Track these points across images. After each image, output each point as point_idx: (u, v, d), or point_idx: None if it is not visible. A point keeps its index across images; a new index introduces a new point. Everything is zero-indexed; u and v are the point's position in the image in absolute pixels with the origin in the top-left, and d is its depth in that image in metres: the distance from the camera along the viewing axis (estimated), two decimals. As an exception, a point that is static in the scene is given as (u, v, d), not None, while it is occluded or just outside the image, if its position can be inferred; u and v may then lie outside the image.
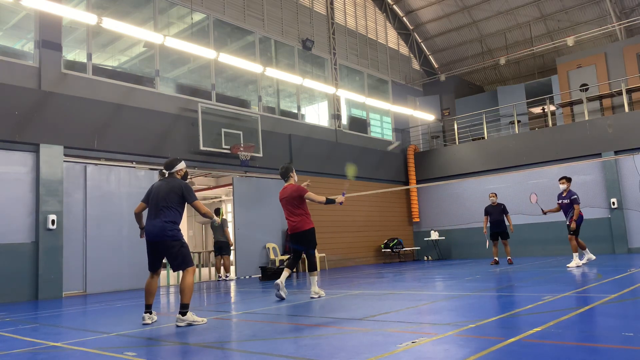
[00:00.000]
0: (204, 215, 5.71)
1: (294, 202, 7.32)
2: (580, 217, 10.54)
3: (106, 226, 10.89)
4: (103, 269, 10.68)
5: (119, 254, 10.98)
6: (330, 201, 7.36)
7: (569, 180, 10.77)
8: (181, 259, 5.48)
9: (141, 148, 11.56)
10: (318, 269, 7.82)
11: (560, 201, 10.80)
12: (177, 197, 5.53)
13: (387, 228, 18.03)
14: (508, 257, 12.78)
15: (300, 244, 7.42)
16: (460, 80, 21.98)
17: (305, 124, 16.33)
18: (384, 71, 20.06)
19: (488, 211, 13.00)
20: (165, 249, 5.50)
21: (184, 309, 5.29)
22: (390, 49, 20.76)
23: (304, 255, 7.54)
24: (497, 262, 12.79)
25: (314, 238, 7.44)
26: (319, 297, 7.24)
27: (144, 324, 5.53)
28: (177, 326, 5.26)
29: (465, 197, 17.88)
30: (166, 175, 5.75)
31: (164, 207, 5.48)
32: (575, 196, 10.60)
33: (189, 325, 5.27)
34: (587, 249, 11.03)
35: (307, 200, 7.42)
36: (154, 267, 5.68)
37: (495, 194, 13.21)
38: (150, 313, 5.64)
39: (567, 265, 10.54)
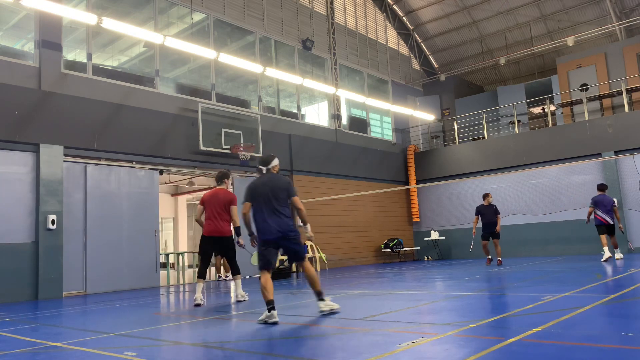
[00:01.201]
0: (298, 211, 5.65)
1: (225, 206, 7.32)
2: (595, 219, 11.98)
3: (106, 226, 10.89)
4: (103, 269, 10.68)
5: (119, 254, 10.99)
6: (237, 230, 7.40)
7: (599, 186, 12.29)
8: (302, 252, 5.68)
9: (141, 148, 11.56)
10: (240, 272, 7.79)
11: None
12: (285, 192, 5.64)
13: (387, 228, 18.03)
14: (499, 258, 12.76)
15: (221, 247, 7.42)
16: (460, 80, 21.98)
17: (305, 124, 16.33)
18: (384, 71, 20.07)
19: (481, 211, 12.89)
20: (287, 244, 5.60)
21: (320, 295, 5.46)
22: (390, 49, 20.76)
23: (224, 258, 7.52)
24: (492, 260, 12.79)
25: (234, 244, 7.49)
26: (244, 300, 7.34)
27: (274, 323, 5.10)
28: (321, 311, 5.43)
29: (465, 197, 17.86)
30: (264, 171, 5.82)
31: (277, 204, 5.56)
32: (591, 200, 12.25)
33: (331, 309, 5.45)
34: (606, 248, 11.85)
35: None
36: (271, 264, 5.66)
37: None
38: (274, 308, 5.24)
39: (616, 258, 11.91)
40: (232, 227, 7.40)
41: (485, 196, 13.04)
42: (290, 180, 5.91)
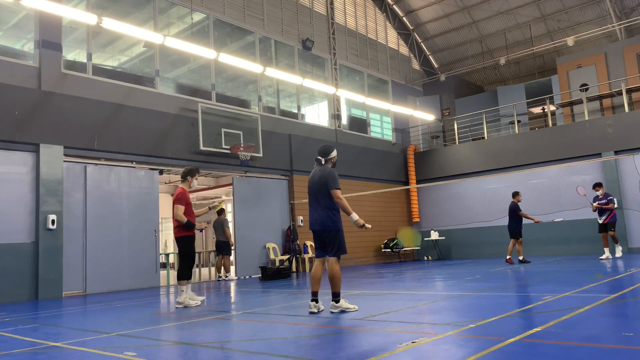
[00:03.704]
0: (337, 204, 5.65)
1: (173, 207, 7.06)
2: (615, 215, 12.28)
3: (106, 226, 10.89)
4: (103, 269, 10.68)
5: (119, 254, 10.99)
6: (188, 225, 7.02)
7: (600, 185, 12.50)
8: (337, 247, 5.70)
9: (141, 148, 11.56)
10: (191, 279, 7.32)
11: (596, 202, 12.38)
12: (325, 186, 5.74)
13: (387, 228, 18.03)
14: (509, 257, 12.73)
15: (178, 249, 7.21)
16: (460, 80, 21.98)
17: (305, 124, 16.33)
18: (384, 71, 20.06)
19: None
20: (325, 236, 5.72)
21: (336, 297, 5.55)
22: (390, 49, 20.76)
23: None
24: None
25: (188, 247, 7.11)
26: (184, 307, 6.89)
27: (310, 312, 5.55)
28: (332, 312, 5.51)
29: (465, 197, 17.88)
30: (322, 162, 5.96)
31: (320, 196, 5.73)
32: (611, 197, 12.35)
33: (342, 312, 5.51)
34: (606, 249, 12.31)
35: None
36: (322, 254, 5.82)
37: None
38: (317, 302, 5.62)
39: (601, 257, 12.27)
40: (183, 227, 7.02)
41: (517, 194, 12.94)
42: (332, 172, 5.79)
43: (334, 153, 6.08)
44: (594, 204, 12.34)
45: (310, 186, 5.91)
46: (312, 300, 5.66)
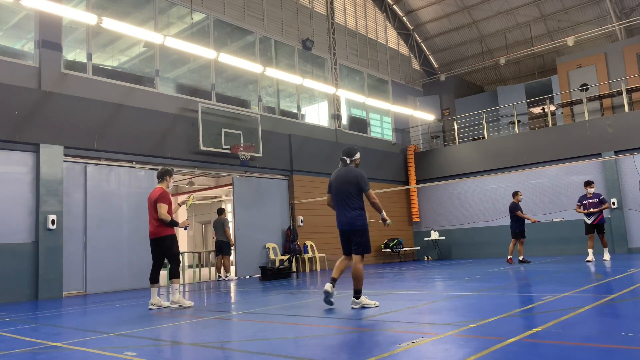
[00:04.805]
0: (372, 204, 5.98)
1: (154, 206, 6.98)
2: (603, 217, 11.78)
3: (106, 226, 10.89)
4: (103, 269, 10.68)
5: (119, 254, 10.99)
6: (172, 224, 7.03)
7: (591, 183, 12.04)
8: (363, 246, 5.97)
9: (141, 148, 11.56)
10: (180, 277, 7.32)
11: (586, 202, 11.85)
12: (355, 187, 5.94)
13: (387, 228, 17.96)
14: (510, 257, 12.72)
15: (159, 250, 7.11)
16: (460, 80, 21.98)
17: (305, 124, 16.33)
18: (384, 71, 20.06)
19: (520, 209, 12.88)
20: (353, 235, 5.94)
21: (357, 293, 5.80)
22: (390, 49, 20.76)
23: (164, 261, 7.21)
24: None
25: (174, 245, 7.12)
26: (180, 307, 6.91)
27: (325, 291, 5.88)
28: (352, 308, 5.73)
29: (465, 197, 17.88)
30: (348, 162, 6.11)
31: (347, 196, 5.93)
32: (602, 197, 11.90)
33: (363, 307, 5.73)
34: (590, 250, 11.84)
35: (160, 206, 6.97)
36: (348, 252, 6.10)
37: None
38: (334, 285, 5.91)
39: (604, 258, 11.79)
40: (167, 226, 7.02)
41: (516, 194, 12.94)
42: (362, 174, 5.98)
43: (358, 155, 6.24)
44: (580, 206, 11.78)
45: (336, 186, 6.05)
46: (330, 282, 5.93)
